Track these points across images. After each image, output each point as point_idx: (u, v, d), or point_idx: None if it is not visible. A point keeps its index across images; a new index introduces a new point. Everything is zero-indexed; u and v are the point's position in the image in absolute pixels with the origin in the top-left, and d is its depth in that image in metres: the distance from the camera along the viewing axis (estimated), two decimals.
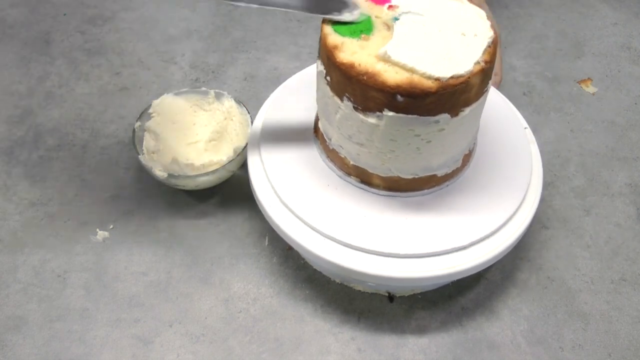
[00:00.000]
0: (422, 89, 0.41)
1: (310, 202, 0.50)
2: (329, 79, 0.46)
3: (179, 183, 0.59)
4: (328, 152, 0.52)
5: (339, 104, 0.46)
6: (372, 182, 0.50)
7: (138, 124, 0.61)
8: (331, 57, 0.44)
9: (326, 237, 0.48)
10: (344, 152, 0.50)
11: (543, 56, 0.79)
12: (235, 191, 0.62)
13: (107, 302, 0.54)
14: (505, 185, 0.51)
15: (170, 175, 0.57)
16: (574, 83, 0.76)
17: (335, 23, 0.46)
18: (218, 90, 0.64)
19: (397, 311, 0.55)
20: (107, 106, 0.71)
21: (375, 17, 0.46)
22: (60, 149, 0.66)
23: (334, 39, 0.45)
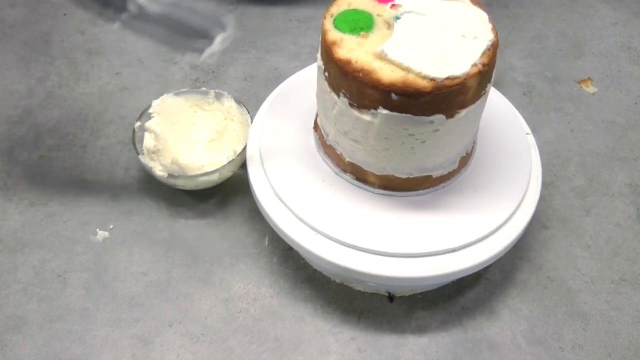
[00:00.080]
0: (417, 89, 0.41)
1: (307, 200, 0.50)
2: (327, 75, 0.46)
3: (179, 183, 0.59)
4: (325, 148, 0.52)
5: (336, 100, 0.46)
6: (368, 180, 0.50)
7: (138, 124, 0.61)
8: (329, 53, 0.44)
9: (325, 237, 0.48)
10: (340, 149, 0.50)
11: (543, 56, 0.79)
12: (235, 191, 0.62)
13: (107, 302, 0.54)
14: (504, 185, 0.51)
15: (170, 175, 0.57)
16: (574, 83, 0.76)
17: (335, 19, 0.46)
18: (218, 90, 0.64)
19: (397, 311, 0.54)
20: (107, 106, 0.71)
21: (377, 15, 0.46)
22: (60, 149, 0.66)
23: (334, 35, 0.45)
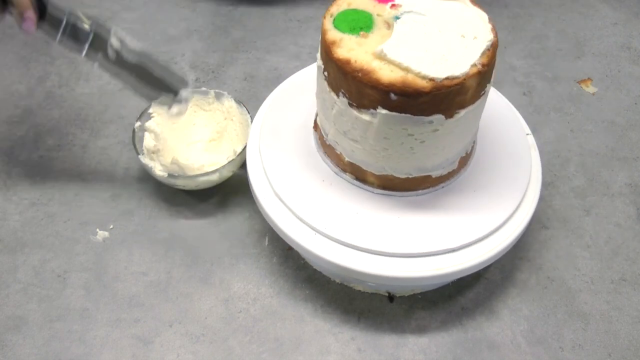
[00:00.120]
0: (416, 89, 0.41)
1: (307, 200, 0.50)
2: (327, 74, 0.46)
3: (179, 183, 0.59)
4: (325, 148, 0.52)
5: (335, 100, 0.46)
6: (367, 180, 0.50)
7: (138, 124, 0.61)
8: (329, 53, 0.44)
9: (325, 236, 0.48)
10: (340, 149, 0.50)
11: (543, 56, 0.79)
12: (235, 191, 0.62)
13: (107, 302, 0.54)
14: (504, 185, 0.51)
15: (170, 175, 0.57)
16: (574, 83, 0.76)
17: (335, 19, 0.46)
18: (218, 90, 0.64)
19: (397, 311, 0.54)
20: (107, 106, 0.71)
21: (376, 15, 0.46)
22: (60, 149, 0.66)
23: (333, 35, 0.45)
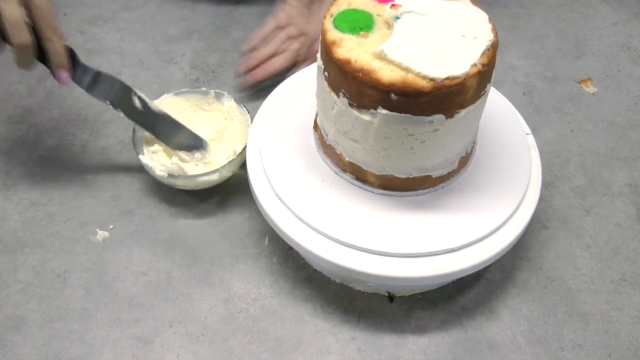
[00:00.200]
0: (416, 89, 0.41)
1: (307, 200, 0.50)
2: (327, 75, 0.46)
3: (179, 183, 0.59)
4: (325, 148, 0.52)
5: (335, 100, 0.46)
6: (367, 180, 0.50)
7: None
8: (329, 53, 0.44)
9: (325, 236, 0.48)
10: (340, 148, 0.50)
11: (543, 56, 0.79)
12: (235, 191, 0.62)
13: (107, 302, 0.54)
14: (504, 185, 0.51)
15: (170, 175, 0.57)
16: (574, 83, 0.76)
17: (335, 19, 0.46)
18: (218, 90, 0.64)
19: (397, 311, 0.54)
20: (107, 106, 0.70)
21: (377, 15, 0.46)
22: (60, 149, 0.66)
23: (334, 35, 0.45)
